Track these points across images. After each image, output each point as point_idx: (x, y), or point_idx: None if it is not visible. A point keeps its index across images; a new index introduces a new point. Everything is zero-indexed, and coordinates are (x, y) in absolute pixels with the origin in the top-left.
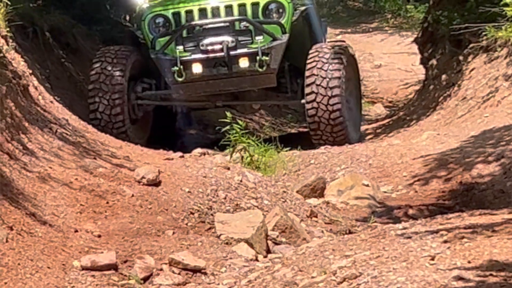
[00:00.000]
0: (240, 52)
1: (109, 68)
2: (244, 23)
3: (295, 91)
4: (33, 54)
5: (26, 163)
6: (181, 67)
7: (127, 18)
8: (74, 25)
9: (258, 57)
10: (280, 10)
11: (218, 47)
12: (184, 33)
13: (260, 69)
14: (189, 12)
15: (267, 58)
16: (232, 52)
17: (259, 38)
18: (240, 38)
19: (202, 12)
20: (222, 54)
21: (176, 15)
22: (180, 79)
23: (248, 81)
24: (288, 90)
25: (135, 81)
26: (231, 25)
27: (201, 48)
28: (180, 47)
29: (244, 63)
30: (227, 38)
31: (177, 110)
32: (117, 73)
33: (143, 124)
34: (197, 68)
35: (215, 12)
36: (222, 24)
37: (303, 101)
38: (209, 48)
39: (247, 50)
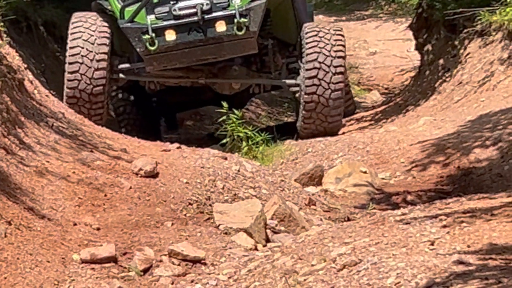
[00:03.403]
0: (216, 15)
1: (92, 36)
2: None
3: (279, 71)
4: (27, 49)
5: (23, 157)
6: (153, 35)
7: None
8: (68, 19)
9: (236, 20)
10: None
11: (191, 11)
12: None
13: (238, 33)
14: None
15: (245, 20)
16: (207, 16)
17: (236, 0)
18: (215, 0)
19: None
20: (196, 18)
21: None
22: (152, 48)
23: (227, 47)
24: (272, 70)
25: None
26: None
27: (174, 13)
28: (152, 15)
29: (220, 27)
30: (201, 1)
31: (160, 111)
32: (102, 47)
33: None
34: (170, 35)
35: None
36: None
37: (297, 81)
38: (182, 12)
39: (224, 13)
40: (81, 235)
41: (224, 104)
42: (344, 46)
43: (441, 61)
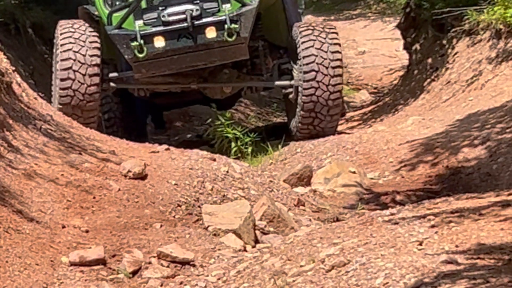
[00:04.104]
0: (206, 21)
1: (83, 47)
2: None
3: (270, 73)
4: (16, 51)
5: (12, 160)
6: (142, 41)
7: None
8: (57, 21)
9: (226, 26)
10: None
11: (181, 17)
12: (143, 4)
13: (229, 39)
14: None
15: (236, 26)
16: (197, 22)
17: (226, 5)
18: (205, 6)
19: None
20: (185, 24)
21: None
22: (141, 55)
23: (217, 53)
24: (263, 71)
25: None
26: None
27: (163, 19)
28: (140, 21)
29: (211, 33)
30: (191, 7)
31: (147, 110)
32: (94, 58)
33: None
34: (159, 42)
35: None
36: None
37: (293, 82)
38: (171, 18)
39: (214, 19)
40: (70, 237)
41: (214, 105)
42: (340, 44)
43: (429, 60)
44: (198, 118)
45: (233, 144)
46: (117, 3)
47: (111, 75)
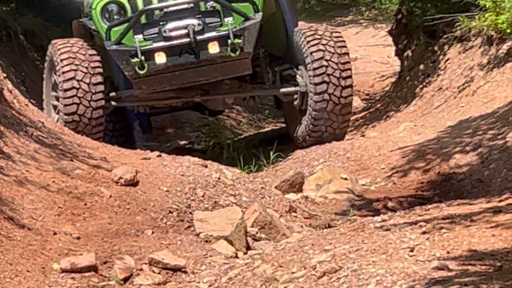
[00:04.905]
0: (208, 36)
1: (85, 65)
2: (210, 2)
3: (273, 81)
4: (7, 58)
5: (3, 167)
6: (142, 58)
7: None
8: (48, 27)
9: (229, 41)
10: None
11: (183, 32)
12: (143, 19)
13: (232, 54)
14: None
15: (240, 41)
16: (199, 37)
17: (229, 19)
18: (207, 20)
19: None
20: (188, 39)
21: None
22: (142, 72)
23: (220, 69)
24: (265, 80)
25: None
26: (196, 6)
27: (164, 34)
28: (139, 36)
29: (214, 48)
30: (193, 21)
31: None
32: (97, 70)
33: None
34: (160, 58)
35: None
36: (185, 6)
37: (303, 87)
38: (173, 34)
39: (217, 34)
40: (61, 244)
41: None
42: (348, 54)
43: (421, 66)
44: (189, 124)
45: (225, 151)
46: (115, 17)
47: (110, 94)
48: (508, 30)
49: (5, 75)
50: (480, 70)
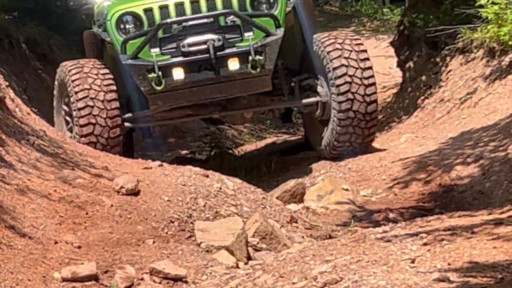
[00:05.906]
0: (229, 52)
1: (98, 84)
2: (231, 17)
3: (292, 92)
4: (9, 66)
5: (4, 175)
6: (160, 73)
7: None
8: (51, 36)
9: (250, 57)
10: (271, 1)
11: (202, 47)
12: (160, 33)
13: (253, 71)
14: (163, 8)
15: (261, 57)
16: (219, 53)
17: (249, 35)
18: (227, 36)
19: (179, 6)
20: (207, 55)
21: (149, 11)
22: (158, 88)
23: (239, 86)
24: (284, 92)
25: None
26: (216, 21)
27: (182, 49)
28: (156, 50)
29: (234, 64)
30: (212, 36)
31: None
32: (111, 87)
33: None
34: (178, 74)
35: (195, 6)
36: (204, 20)
37: (324, 96)
38: (192, 49)
39: (237, 50)
40: (62, 253)
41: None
42: (367, 51)
43: (423, 78)
44: (191, 134)
45: (226, 161)
46: (131, 29)
47: (125, 116)
48: (510, 42)
49: (7, 83)
50: (482, 82)
